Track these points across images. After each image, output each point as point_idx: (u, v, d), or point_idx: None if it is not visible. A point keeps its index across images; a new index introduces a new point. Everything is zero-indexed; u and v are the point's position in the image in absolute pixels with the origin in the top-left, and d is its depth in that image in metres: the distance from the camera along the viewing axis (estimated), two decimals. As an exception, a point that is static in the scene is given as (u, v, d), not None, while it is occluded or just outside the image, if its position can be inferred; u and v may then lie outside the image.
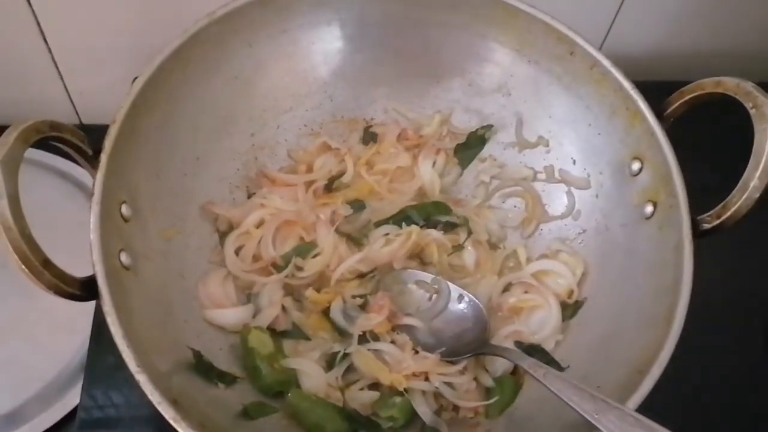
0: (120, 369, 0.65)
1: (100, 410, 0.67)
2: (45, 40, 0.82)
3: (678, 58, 0.97)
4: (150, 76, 0.60)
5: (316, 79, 0.74)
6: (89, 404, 0.67)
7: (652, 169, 0.63)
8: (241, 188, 0.72)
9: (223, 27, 0.65)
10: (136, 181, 0.60)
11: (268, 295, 0.66)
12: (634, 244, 0.64)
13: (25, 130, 0.49)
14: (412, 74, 0.76)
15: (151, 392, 0.48)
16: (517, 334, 0.66)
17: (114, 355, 0.66)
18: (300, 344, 0.65)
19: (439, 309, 0.66)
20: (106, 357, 0.68)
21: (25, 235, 0.47)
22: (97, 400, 0.67)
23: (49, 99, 0.91)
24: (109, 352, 0.66)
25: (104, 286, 0.51)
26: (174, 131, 0.65)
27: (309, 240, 0.68)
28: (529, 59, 0.71)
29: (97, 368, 0.68)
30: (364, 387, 0.63)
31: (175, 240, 0.64)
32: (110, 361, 0.68)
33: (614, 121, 0.66)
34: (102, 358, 0.69)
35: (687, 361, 0.53)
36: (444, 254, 0.70)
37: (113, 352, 0.49)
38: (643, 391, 0.51)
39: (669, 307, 0.55)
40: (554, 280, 0.68)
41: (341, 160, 0.74)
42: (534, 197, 0.73)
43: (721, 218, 0.57)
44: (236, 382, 0.60)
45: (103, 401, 0.67)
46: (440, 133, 0.76)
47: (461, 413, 0.62)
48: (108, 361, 0.68)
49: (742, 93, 0.57)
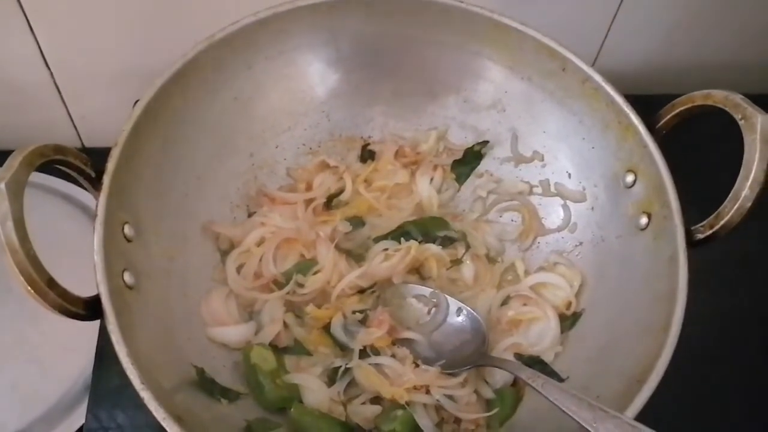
0: (124, 390, 0.67)
1: None
2: (47, 66, 0.84)
3: (670, 72, 0.99)
4: (150, 99, 0.61)
5: (313, 98, 0.76)
6: (94, 426, 0.67)
7: (646, 181, 0.64)
8: (242, 207, 0.73)
9: (222, 50, 0.66)
10: (138, 201, 0.61)
11: (270, 312, 0.66)
12: (630, 254, 0.65)
13: (30, 154, 0.50)
14: (407, 92, 0.77)
15: (155, 409, 0.49)
16: (517, 347, 0.66)
17: (118, 377, 0.66)
18: (302, 360, 0.65)
19: (438, 322, 0.67)
20: (111, 379, 0.69)
21: (30, 257, 0.48)
22: (102, 422, 0.68)
23: (52, 123, 0.92)
24: (113, 373, 0.67)
25: (108, 305, 0.51)
26: (175, 152, 0.66)
27: (309, 257, 0.69)
28: (522, 76, 0.72)
29: (102, 390, 0.69)
30: (366, 401, 0.63)
31: (178, 259, 0.65)
32: (114, 382, 0.68)
33: (607, 135, 0.67)
34: (106, 380, 0.69)
35: (684, 369, 0.54)
36: (443, 268, 0.71)
37: (117, 372, 0.50)
38: (641, 399, 0.52)
39: (665, 315, 0.56)
40: (552, 292, 0.69)
41: (339, 178, 0.75)
42: (531, 211, 0.74)
43: (714, 228, 0.58)
44: (239, 398, 0.61)
45: (107, 423, 0.68)
46: (437, 149, 0.77)
47: (463, 426, 0.63)
48: (112, 383, 0.69)
49: (731, 105, 0.58)
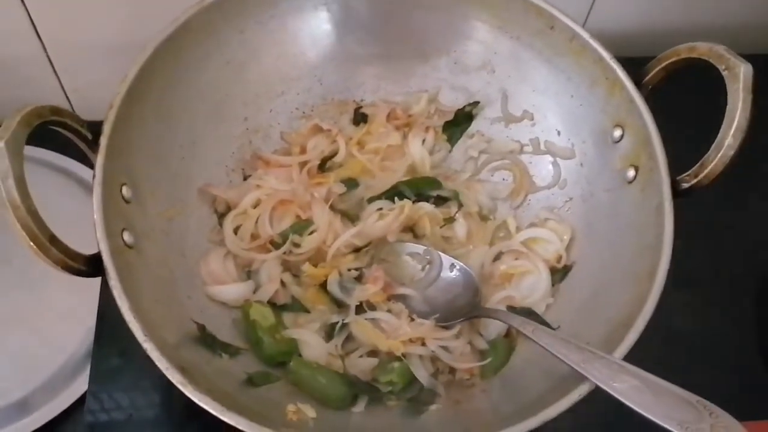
0: (124, 371, 0.68)
1: (106, 413, 0.68)
2: (39, 38, 0.84)
3: (660, 34, 0.99)
4: (144, 63, 0.62)
5: (305, 63, 0.76)
6: (95, 407, 0.68)
7: (633, 135, 0.65)
8: (237, 171, 0.74)
9: (213, 14, 0.67)
10: (135, 164, 0.62)
11: (267, 271, 0.67)
12: (618, 207, 0.66)
13: (27, 114, 0.51)
14: (398, 55, 0.77)
15: (158, 359, 0.50)
16: (510, 300, 0.68)
17: (118, 357, 0.69)
18: (300, 317, 0.67)
19: (432, 278, 0.68)
20: (111, 359, 0.70)
21: (31, 213, 0.49)
22: (103, 403, 0.69)
23: (45, 97, 0.91)
24: (114, 353, 0.69)
25: (109, 261, 0.53)
26: (170, 116, 0.67)
27: (305, 218, 0.70)
28: (510, 35, 0.73)
29: (103, 371, 0.70)
30: (363, 354, 0.64)
31: (176, 220, 0.66)
32: (115, 363, 0.70)
33: (595, 91, 0.68)
34: (107, 361, 0.70)
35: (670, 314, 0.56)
36: (436, 226, 0.72)
37: (118, 352, 0.50)
38: (628, 342, 0.53)
39: (652, 263, 0.57)
40: (543, 246, 0.70)
41: (333, 141, 0.76)
42: (521, 169, 0.75)
43: (699, 177, 0.59)
44: (240, 354, 0.62)
45: (108, 404, 0.69)
46: (428, 111, 0.78)
47: (458, 375, 0.64)
48: (113, 363, 0.70)
49: (715, 56, 0.59)
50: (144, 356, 0.50)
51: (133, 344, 0.51)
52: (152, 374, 0.66)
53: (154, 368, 0.50)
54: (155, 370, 0.50)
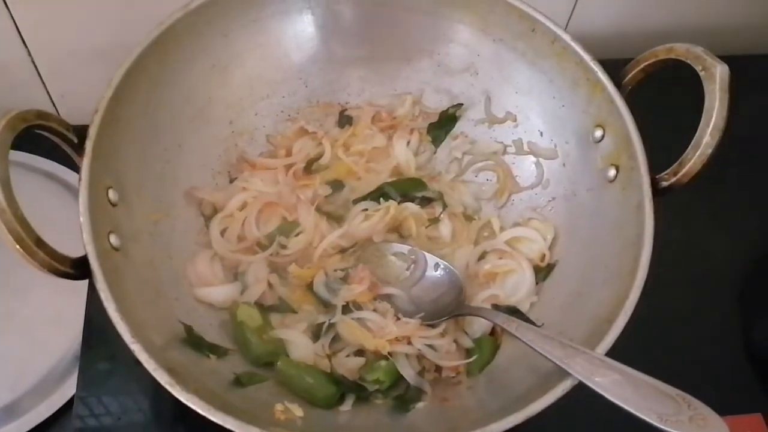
0: (113, 376, 0.68)
1: (94, 418, 0.68)
2: (24, 44, 0.84)
3: (641, 37, 1.00)
4: (129, 67, 0.62)
5: (290, 66, 0.77)
6: (84, 413, 0.68)
7: (614, 135, 0.66)
8: (223, 173, 0.74)
9: (198, 18, 0.67)
10: (121, 167, 0.62)
11: (254, 272, 0.68)
12: (600, 206, 0.67)
13: (12, 118, 0.51)
14: (382, 57, 0.78)
15: (146, 360, 0.50)
16: (494, 298, 0.68)
17: (107, 361, 0.69)
18: (287, 317, 0.67)
19: (417, 277, 0.69)
20: (100, 364, 0.70)
21: (17, 216, 0.49)
22: (92, 408, 0.68)
23: (31, 103, 0.89)
24: (102, 357, 0.69)
25: (96, 264, 0.53)
26: (155, 119, 0.67)
27: (291, 219, 0.71)
28: (493, 38, 0.74)
29: (91, 376, 0.70)
30: (350, 354, 0.65)
31: (162, 223, 0.66)
32: (104, 367, 0.70)
33: (577, 92, 0.69)
34: (95, 365, 0.70)
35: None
36: (421, 227, 0.72)
37: (106, 356, 0.49)
38: (610, 338, 0.54)
39: (633, 259, 0.58)
40: (527, 245, 0.71)
41: (319, 143, 0.76)
42: (505, 170, 0.76)
43: (678, 175, 0.60)
44: (228, 354, 0.62)
45: (97, 409, 0.68)
46: (413, 113, 0.79)
47: (444, 373, 0.65)
48: (101, 368, 0.70)
49: (692, 57, 0.60)
50: (132, 360, 0.51)
51: (121, 348, 0.51)
52: (140, 378, 0.67)
53: (142, 372, 0.50)
54: (143, 373, 0.50)
